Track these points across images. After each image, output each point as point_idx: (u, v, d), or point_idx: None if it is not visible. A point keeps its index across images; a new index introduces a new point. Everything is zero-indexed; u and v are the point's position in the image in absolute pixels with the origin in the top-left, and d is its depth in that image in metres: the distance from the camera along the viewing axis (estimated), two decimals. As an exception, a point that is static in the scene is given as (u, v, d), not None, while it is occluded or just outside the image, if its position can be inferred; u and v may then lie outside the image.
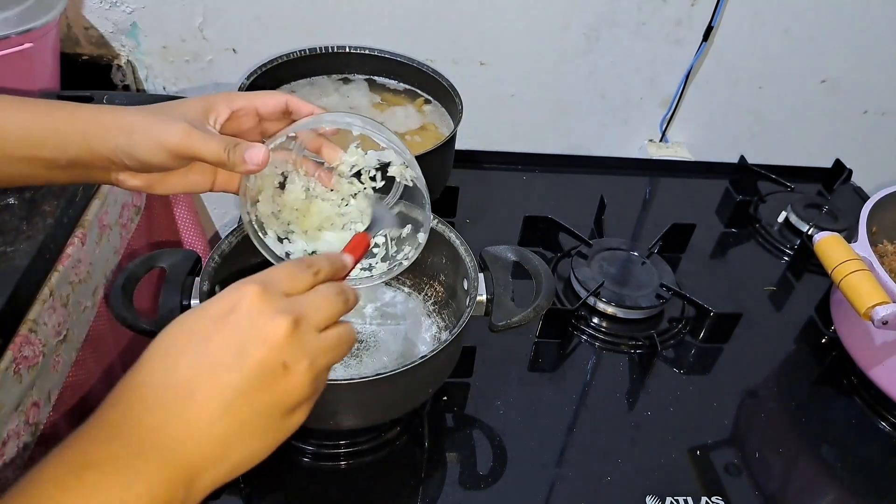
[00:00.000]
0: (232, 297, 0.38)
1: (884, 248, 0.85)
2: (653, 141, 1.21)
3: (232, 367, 0.36)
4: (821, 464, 0.72)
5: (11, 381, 0.68)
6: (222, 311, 0.38)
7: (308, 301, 0.40)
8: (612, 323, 0.83)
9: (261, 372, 0.37)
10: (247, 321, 0.37)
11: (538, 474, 0.67)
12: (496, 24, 1.03)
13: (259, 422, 0.37)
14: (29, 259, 0.73)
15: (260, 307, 0.38)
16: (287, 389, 0.38)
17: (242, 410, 0.36)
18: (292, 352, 0.38)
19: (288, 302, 0.39)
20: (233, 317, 0.38)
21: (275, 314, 0.38)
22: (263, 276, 0.41)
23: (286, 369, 0.37)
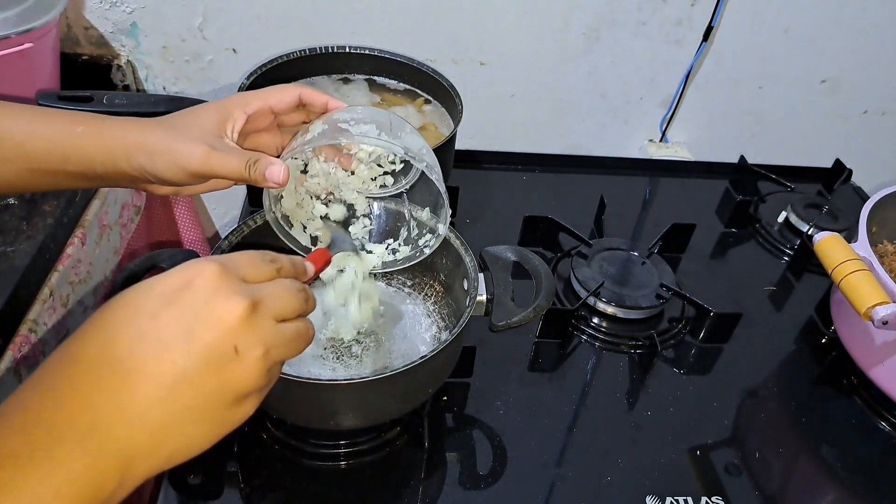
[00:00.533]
0: (187, 273, 0.36)
1: (884, 248, 0.85)
2: (653, 141, 1.21)
3: (177, 347, 0.33)
4: (821, 464, 0.72)
5: (12, 381, 0.68)
6: (175, 286, 0.35)
7: (267, 290, 0.38)
8: (612, 323, 0.83)
9: (209, 355, 0.34)
10: (200, 299, 0.35)
11: (538, 474, 0.67)
12: (496, 24, 1.03)
13: (201, 409, 0.34)
14: (29, 259, 0.73)
15: (216, 286, 0.35)
16: (236, 376, 0.35)
17: (184, 395, 0.33)
18: (246, 337, 0.35)
19: (247, 286, 0.37)
20: (186, 293, 0.35)
21: (231, 294, 0.35)
22: (223, 258, 0.38)
23: (237, 354, 0.35)
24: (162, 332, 0.34)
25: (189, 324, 0.34)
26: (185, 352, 0.34)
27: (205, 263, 0.36)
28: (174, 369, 0.33)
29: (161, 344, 0.33)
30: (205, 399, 0.34)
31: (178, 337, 0.34)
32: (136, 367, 0.33)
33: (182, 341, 0.34)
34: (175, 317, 0.34)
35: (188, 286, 0.35)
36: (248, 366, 0.35)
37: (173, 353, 0.33)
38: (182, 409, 0.34)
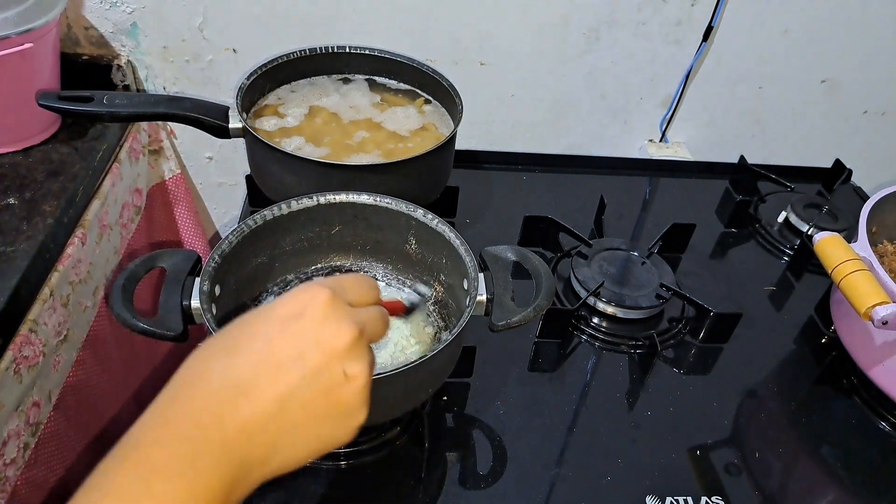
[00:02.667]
0: (300, 300, 0.39)
1: (884, 248, 0.85)
2: (653, 141, 1.21)
3: (291, 370, 0.37)
4: (821, 464, 0.72)
5: (12, 381, 0.68)
6: (290, 313, 0.38)
7: (369, 315, 0.41)
8: (612, 323, 0.83)
9: (319, 377, 0.37)
10: (312, 326, 0.38)
11: (538, 474, 0.67)
12: (496, 24, 1.03)
13: (312, 427, 0.38)
14: (29, 259, 0.73)
15: (326, 313, 0.38)
16: (345, 397, 0.38)
17: (297, 414, 0.37)
18: (354, 361, 0.38)
19: (353, 312, 0.40)
20: (300, 321, 0.38)
21: (341, 321, 0.38)
22: (334, 283, 0.41)
23: (347, 378, 0.38)
24: (277, 356, 0.37)
25: (302, 349, 0.37)
26: (297, 374, 0.37)
27: (317, 290, 0.39)
28: (289, 389, 0.36)
29: (276, 366, 0.37)
30: (315, 417, 0.38)
31: (292, 360, 0.37)
32: (255, 387, 0.36)
33: (295, 365, 0.37)
34: (290, 342, 0.37)
35: (302, 314, 0.38)
36: (355, 388, 0.38)
37: (287, 375, 0.36)
38: (294, 425, 0.37)
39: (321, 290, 0.39)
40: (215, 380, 0.36)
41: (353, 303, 0.41)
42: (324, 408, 0.38)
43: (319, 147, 0.85)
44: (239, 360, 0.37)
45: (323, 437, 0.39)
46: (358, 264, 0.77)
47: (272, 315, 0.39)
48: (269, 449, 0.36)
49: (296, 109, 0.89)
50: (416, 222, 0.70)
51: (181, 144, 1.12)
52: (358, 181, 0.76)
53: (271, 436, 0.36)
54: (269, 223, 0.68)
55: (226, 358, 0.37)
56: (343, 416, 0.39)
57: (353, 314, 0.39)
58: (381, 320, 0.43)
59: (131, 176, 0.98)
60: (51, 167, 0.86)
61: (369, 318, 0.41)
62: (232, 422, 0.35)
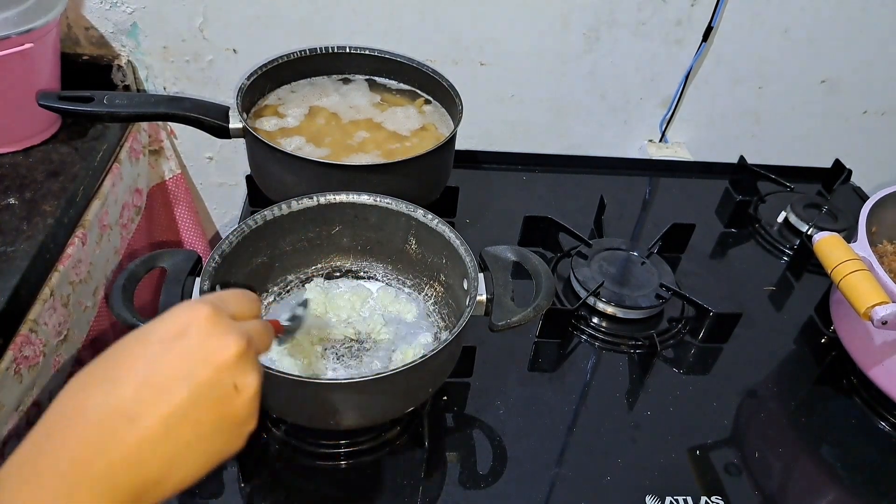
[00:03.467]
0: (181, 318, 0.38)
1: (883, 248, 0.85)
2: (652, 141, 1.21)
3: (178, 390, 0.36)
4: (821, 464, 0.72)
5: (12, 381, 0.68)
6: (171, 333, 0.37)
7: (254, 327, 0.41)
8: (612, 323, 0.83)
9: (209, 393, 0.37)
10: (197, 343, 0.37)
11: (538, 474, 0.67)
12: (496, 24, 1.03)
13: (204, 442, 0.37)
14: (29, 259, 0.73)
15: (210, 328, 0.38)
16: (236, 408, 0.38)
17: (188, 432, 0.36)
18: (243, 371, 0.38)
19: (237, 325, 0.39)
20: (183, 340, 0.37)
21: (225, 334, 0.38)
22: (215, 298, 0.41)
23: (236, 390, 0.38)
24: (162, 377, 0.36)
25: (188, 367, 0.36)
26: (185, 393, 0.36)
27: (198, 307, 0.38)
28: (176, 410, 0.36)
29: (162, 388, 0.36)
30: (204, 433, 0.37)
31: (179, 380, 0.36)
32: (140, 411, 0.35)
33: (182, 384, 0.36)
34: (174, 362, 0.36)
35: (184, 332, 0.37)
36: (245, 399, 0.38)
37: (174, 395, 0.36)
38: (185, 444, 0.36)
39: (202, 306, 0.39)
40: (95, 410, 0.35)
41: (235, 316, 0.41)
42: (215, 422, 0.37)
43: (319, 147, 0.85)
44: (120, 386, 0.35)
45: (215, 450, 0.38)
46: (358, 264, 0.77)
47: (152, 337, 0.38)
48: (162, 470, 0.36)
49: (296, 109, 0.89)
50: (416, 222, 0.70)
51: (181, 144, 1.12)
52: (358, 181, 0.76)
53: (162, 458, 0.35)
54: (269, 223, 0.68)
55: (105, 386, 0.36)
56: (235, 427, 0.39)
57: (237, 327, 0.39)
58: (266, 333, 0.43)
59: (131, 176, 0.98)
60: (51, 167, 0.86)
61: (255, 330, 0.41)
62: (116, 450, 0.34)
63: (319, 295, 0.73)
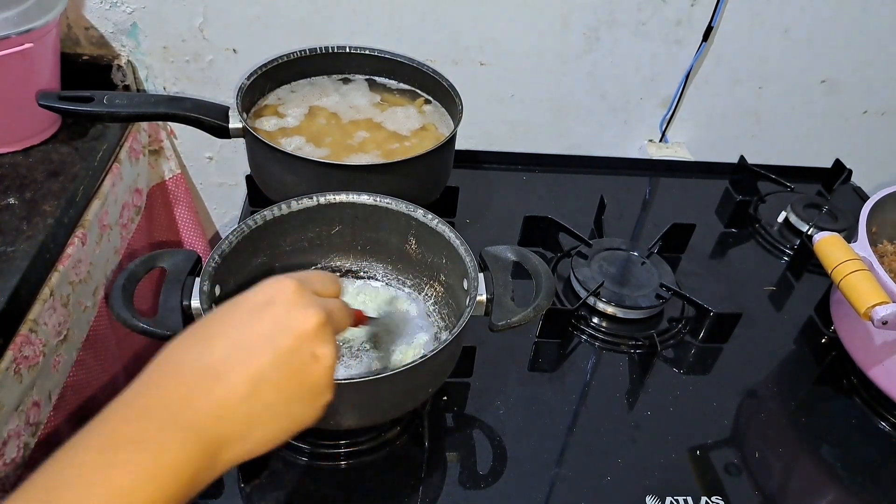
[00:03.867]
0: (269, 290, 0.41)
1: (884, 248, 0.85)
2: (652, 141, 1.21)
3: (262, 353, 0.39)
4: (821, 464, 0.72)
5: (12, 381, 0.68)
6: (260, 302, 0.41)
7: (335, 304, 0.44)
8: (612, 323, 0.83)
9: (289, 359, 0.39)
10: (282, 312, 0.40)
11: (538, 474, 0.67)
12: (496, 24, 1.03)
13: (283, 406, 0.40)
14: (29, 259, 0.73)
15: (294, 300, 0.41)
16: (315, 377, 0.40)
17: (269, 394, 0.39)
18: (322, 342, 0.41)
19: (319, 299, 0.42)
20: (269, 308, 0.40)
21: (308, 307, 0.41)
22: (300, 275, 0.44)
23: (315, 358, 0.40)
24: (249, 341, 0.39)
25: (272, 333, 0.39)
26: (269, 356, 0.39)
27: (285, 280, 0.42)
28: (260, 372, 0.38)
29: (249, 351, 0.39)
30: (287, 397, 0.40)
31: (264, 345, 0.39)
32: (228, 369, 0.38)
33: (266, 348, 0.39)
34: (260, 328, 0.40)
35: (271, 302, 0.41)
36: (323, 368, 0.41)
37: (259, 357, 0.39)
38: (266, 405, 0.39)
39: (288, 280, 0.42)
40: (188, 365, 0.38)
41: (318, 293, 0.43)
42: (294, 387, 0.40)
43: (319, 147, 0.85)
44: (212, 346, 0.39)
45: (294, 415, 0.41)
46: (358, 264, 0.77)
47: (243, 304, 0.41)
48: (242, 428, 0.38)
49: (296, 109, 0.89)
50: (416, 222, 0.70)
51: (181, 144, 1.12)
52: (358, 181, 0.76)
53: (244, 415, 0.38)
54: (269, 223, 0.68)
55: (199, 345, 0.39)
56: (312, 394, 0.41)
57: (319, 301, 0.42)
58: (345, 311, 0.46)
59: (131, 176, 0.98)
60: (51, 167, 0.86)
61: (335, 307, 0.44)
62: (203, 403, 0.37)
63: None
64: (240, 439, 0.38)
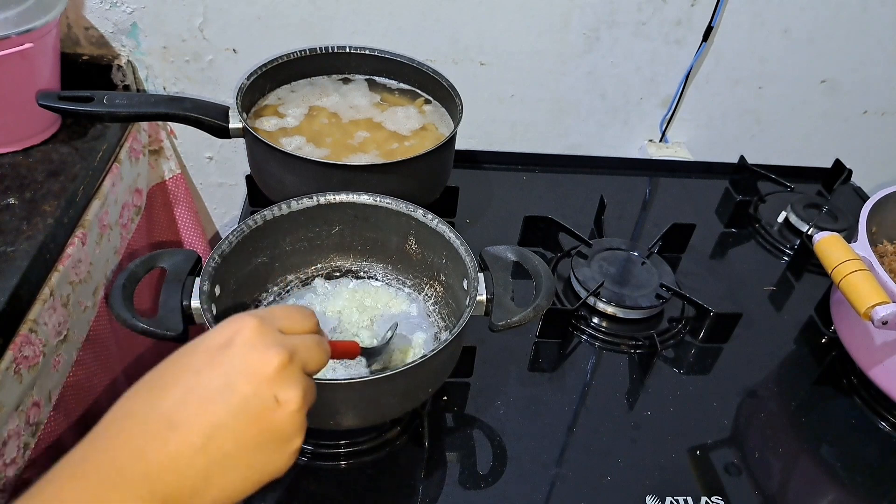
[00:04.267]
0: (228, 330, 0.39)
1: (884, 248, 0.85)
2: (653, 141, 1.21)
3: (218, 400, 0.36)
4: (821, 464, 0.72)
5: (12, 381, 0.68)
6: (218, 344, 0.38)
7: (302, 341, 0.41)
8: (612, 323, 0.83)
9: (247, 406, 0.37)
10: (241, 354, 0.38)
11: (538, 474, 0.67)
12: (496, 24, 1.03)
13: (244, 455, 0.37)
14: (29, 259, 0.73)
15: (254, 341, 0.38)
16: (277, 423, 0.38)
17: (227, 443, 0.36)
18: (285, 385, 0.38)
19: (283, 337, 0.39)
20: (227, 350, 0.38)
21: (269, 347, 0.38)
22: (263, 311, 0.41)
23: (277, 403, 0.37)
24: (205, 387, 0.37)
25: (229, 378, 0.37)
26: (225, 404, 0.36)
27: (245, 319, 0.39)
28: (216, 420, 0.36)
29: (204, 398, 0.36)
30: (246, 446, 0.37)
31: (220, 390, 0.37)
32: (182, 419, 0.36)
33: (223, 394, 0.36)
34: (217, 372, 0.37)
35: (229, 343, 0.38)
36: (288, 413, 0.38)
37: (215, 405, 0.36)
38: (224, 456, 0.36)
39: (248, 318, 0.39)
40: (140, 416, 0.36)
41: (284, 330, 0.40)
42: (256, 436, 0.37)
43: (319, 147, 0.85)
44: (166, 395, 0.37)
45: (258, 465, 0.38)
46: (358, 264, 0.77)
47: (200, 347, 0.39)
48: (199, 481, 0.36)
49: (296, 109, 0.89)
50: (416, 222, 0.70)
51: (181, 144, 1.12)
52: (358, 181, 0.76)
53: (201, 467, 0.36)
54: (269, 223, 0.68)
55: (153, 393, 0.37)
56: (277, 442, 0.38)
57: (282, 340, 0.39)
58: (317, 347, 0.42)
59: (131, 176, 0.98)
60: (51, 167, 0.86)
61: (302, 344, 0.40)
62: (156, 455, 0.35)
63: (319, 295, 0.73)
64: (197, 493, 0.36)
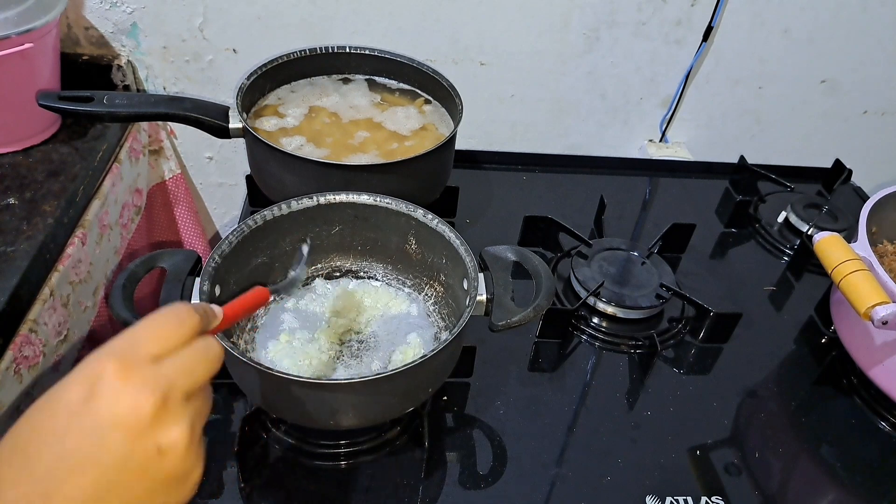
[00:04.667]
0: (85, 379, 0.34)
1: (884, 248, 0.85)
2: (653, 141, 1.21)
3: (93, 465, 0.32)
4: (821, 464, 0.72)
5: (12, 381, 0.68)
6: (77, 398, 0.33)
7: (178, 365, 0.36)
8: (612, 323, 0.83)
9: (129, 462, 0.33)
10: (105, 407, 0.33)
11: (538, 474, 0.67)
12: (496, 24, 1.03)
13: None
14: (29, 259, 0.73)
15: (117, 386, 0.33)
16: (166, 470, 0.35)
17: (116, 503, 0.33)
18: (164, 429, 0.34)
19: (154, 371, 0.35)
20: (90, 404, 0.33)
21: (136, 391, 0.33)
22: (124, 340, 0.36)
23: (161, 453, 0.34)
24: (74, 455, 0.33)
25: (99, 439, 0.33)
26: (100, 469, 0.33)
27: (102, 363, 0.34)
28: (95, 488, 0.33)
29: (75, 468, 0.32)
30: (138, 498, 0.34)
31: (91, 455, 0.33)
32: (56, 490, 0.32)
33: (96, 458, 0.33)
34: (84, 434, 0.33)
35: (90, 395, 0.33)
36: (176, 455, 0.35)
37: (91, 471, 0.33)
38: None
39: (106, 361, 0.34)
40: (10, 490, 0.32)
41: (157, 353, 0.35)
42: (146, 488, 0.34)
43: (319, 147, 0.85)
44: (32, 466, 0.32)
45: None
46: (358, 264, 0.77)
47: (59, 407, 0.34)
48: None
49: (296, 109, 0.89)
50: (416, 222, 0.70)
51: (181, 144, 1.12)
52: (358, 181, 0.76)
53: None
54: (269, 223, 0.68)
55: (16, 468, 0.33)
56: (172, 485, 0.35)
57: (151, 376, 0.34)
58: (200, 360, 0.37)
59: (131, 176, 0.98)
60: (51, 167, 0.86)
61: (180, 367, 0.36)
62: None
63: (319, 295, 0.73)
64: None
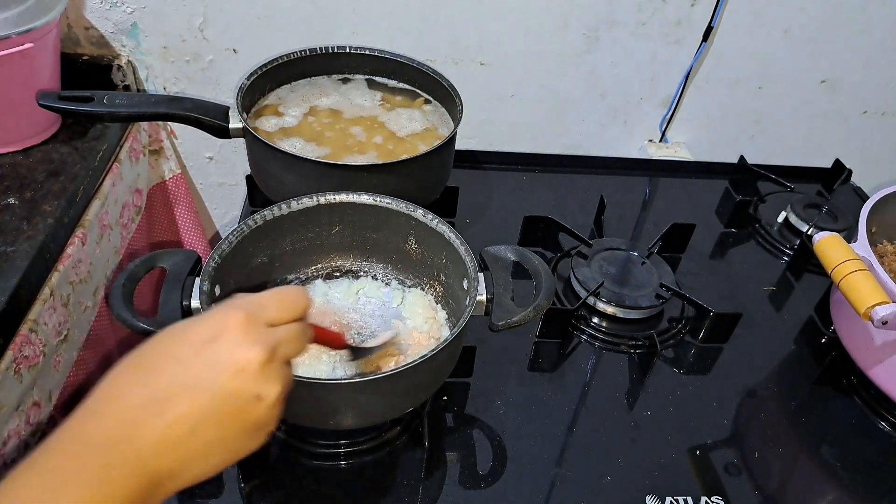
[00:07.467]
0: (216, 324, 0.40)
1: (884, 248, 0.85)
2: (652, 141, 1.21)
3: (204, 392, 0.38)
4: (821, 464, 0.72)
5: (12, 381, 0.68)
6: (205, 336, 0.40)
7: (286, 333, 0.42)
8: (612, 323, 0.83)
9: (231, 400, 0.39)
10: (225, 351, 0.39)
11: (538, 474, 0.67)
12: (496, 24, 1.03)
13: (223, 443, 0.40)
14: (29, 259, 0.73)
15: (239, 337, 0.40)
16: (257, 416, 0.40)
17: (208, 433, 0.39)
18: (266, 382, 0.40)
19: (267, 333, 0.41)
20: (213, 345, 0.39)
21: (252, 345, 0.40)
22: (252, 300, 0.43)
23: (258, 399, 0.40)
24: (192, 379, 0.39)
25: (214, 373, 0.39)
26: (210, 396, 0.38)
27: (232, 314, 0.40)
28: (202, 411, 0.38)
29: (191, 389, 0.38)
30: (226, 435, 0.40)
31: (205, 384, 0.39)
32: (169, 407, 0.38)
33: (208, 388, 0.38)
34: (203, 366, 0.39)
35: (215, 338, 0.40)
36: (267, 407, 0.40)
37: (200, 397, 0.38)
38: (206, 443, 0.39)
39: (235, 312, 0.40)
40: (131, 397, 0.38)
41: (272, 321, 0.42)
42: (235, 427, 0.40)
43: (319, 147, 0.85)
44: (155, 380, 0.38)
45: (233, 450, 0.41)
46: (358, 264, 0.77)
47: (188, 338, 0.40)
48: (179, 464, 0.38)
49: (296, 109, 0.89)
50: (416, 222, 0.70)
51: (181, 144, 1.12)
52: (358, 181, 0.76)
53: (182, 453, 0.38)
54: (269, 223, 0.68)
55: (143, 376, 0.39)
56: (254, 431, 0.41)
57: (267, 336, 0.41)
58: (299, 339, 0.44)
59: (131, 176, 0.98)
60: (51, 167, 0.86)
61: (286, 336, 0.42)
62: (145, 438, 0.37)
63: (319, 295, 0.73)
64: (177, 475, 0.38)
